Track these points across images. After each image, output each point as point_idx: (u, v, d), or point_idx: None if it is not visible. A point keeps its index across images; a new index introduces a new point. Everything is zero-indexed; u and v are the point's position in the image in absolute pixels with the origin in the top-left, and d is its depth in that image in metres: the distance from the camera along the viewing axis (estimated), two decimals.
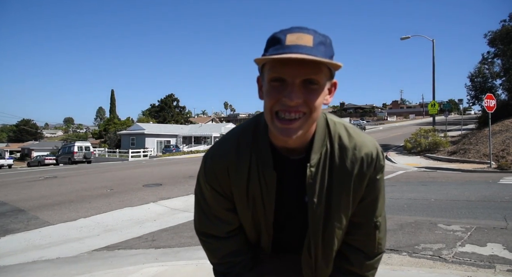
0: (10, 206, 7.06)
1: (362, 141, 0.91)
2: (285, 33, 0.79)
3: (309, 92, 0.78)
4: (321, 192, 0.89)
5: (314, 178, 0.88)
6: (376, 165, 0.91)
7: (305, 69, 0.76)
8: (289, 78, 0.77)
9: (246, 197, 0.92)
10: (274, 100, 0.79)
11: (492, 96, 11.45)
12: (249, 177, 0.91)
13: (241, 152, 0.91)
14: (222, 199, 0.96)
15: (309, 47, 0.76)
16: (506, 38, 19.37)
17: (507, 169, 9.73)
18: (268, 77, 0.79)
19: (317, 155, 0.89)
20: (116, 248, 4.11)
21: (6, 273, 3.41)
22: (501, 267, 2.94)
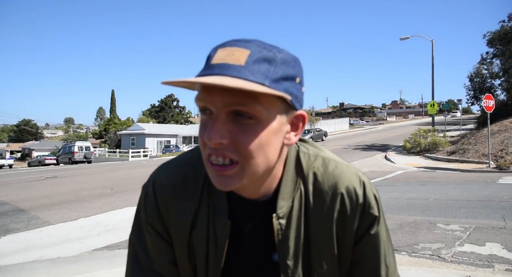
0: (10, 206, 7.07)
1: (341, 174, 0.69)
2: (217, 47, 0.59)
3: (240, 128, 0.56)
4: (297, 251, 0.67)
5: (285, 233, 0.66)
6: (366, 209, 0.68)
7: (231, 98, 0.54)
8: (213, 108, 0.56)
9: (186, 249, 0.69)
10: (201, 141, 0.59)
11: (491, 96, 11.47)
12: (195, 222, 0.68)
13: (191, 187, 0.69)
14: (167, 248, 0.71)
15: (238, 67, 0.55)
16: (505, 39, 19.39)
17: (506, 169, 9.75)
18: (198, 106, 0.59)
19: (287, 203, 0.66)
20: (117, 248, 4.12)
21: (7, 272, 3.41)
22: (500, 266, 2.95)
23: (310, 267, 0.68)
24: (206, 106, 0.57)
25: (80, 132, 77.23)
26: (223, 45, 0.58)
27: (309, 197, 0.68)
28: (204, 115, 0.58)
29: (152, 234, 0.70)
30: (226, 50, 0.57)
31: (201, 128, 0.59)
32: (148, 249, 0.71)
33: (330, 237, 0.67)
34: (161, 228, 0.70)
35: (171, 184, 0.70)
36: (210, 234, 0.67)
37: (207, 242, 0.68)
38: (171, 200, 0.69)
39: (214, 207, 0.67)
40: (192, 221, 0.68)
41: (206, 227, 0.68)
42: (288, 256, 0.66)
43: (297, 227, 0.67)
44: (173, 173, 0.71)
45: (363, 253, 0.69)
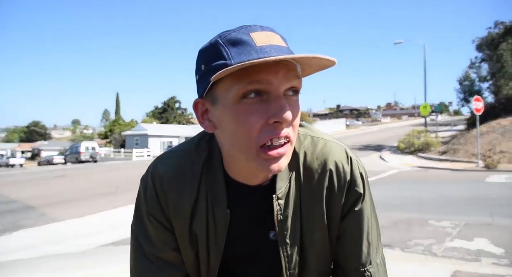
0: (21, 204, 7.08)
1: (329, 152, 0.68)
2: (245, 32, 0.55)
3: (293, 105, 0.57)
4: (295, 229, 0.67)
5: (284, 213, 0.65)
6: (352, 186, 0.67)
7: (290, 73, 0.55)
8: (273, 88, 0.54)
9: (188, 236, 0.69)
10: (256, 129, 0.54)
11: (480, 98, 11.51)
12: (194, 212, 0.67)
13: (188, 179, 0.68)
14: (170, 236, 0.70)
15: (286, 49, 0.55)
16: (492, 44, 19.48)
17: (493, 168, 9.79)
18: (238, 94, 0.54)
19: (285, 183, 0.66)
20: (121, 244, 4.12)
21: (19, 266, 3.42)
22: (487, 260, 2.97)
23: (304, 242, 0.68)
24: (263, 88, 0.54)
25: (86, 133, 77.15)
26: (251, 30, 0.56)
27: (301, 176, 0.67)
28: (251, 99, 0.54)
29: (155, 224, 0.69)
30: (261, 34, 0.55)
31: (249, 114, 0.54)
32: (152, 238, 0.70)
33: (320, 213, 0.67)
34: (163, 218, 0.69)
35: (168, 177, 0.69)
36: (209, 222, 0.67)
37: (207, 230, 0.68)
38: (170, 192, 0.68)
39: (213, 196, 0.66)
40: (192, 211, 0.68)
41: (206, 216, 0.67)
42: (287, 234, 0.66)
43: (294, 206, 0.67)
44: (170, 165, 0.70)
45: (347, 229, 0.69)
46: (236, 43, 0.54)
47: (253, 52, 0.53)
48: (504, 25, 19.40)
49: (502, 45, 18.27)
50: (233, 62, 0.52)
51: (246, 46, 0.53)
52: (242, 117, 0.54)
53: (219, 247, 0.68)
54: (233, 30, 0.56)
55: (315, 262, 0.70)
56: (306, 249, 0.69)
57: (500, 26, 19.77)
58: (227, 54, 0.54)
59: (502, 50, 18.11)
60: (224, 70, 0.50)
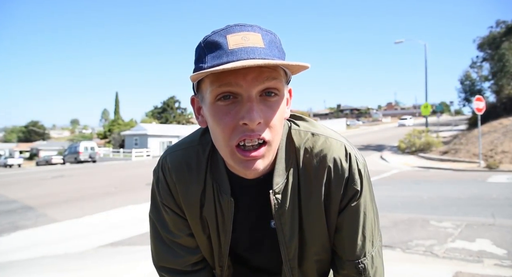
0: (19, 204, 7.08)
1: (328, 147, 0.69)
2: (223, 34, 0.57)
3: (269, 107, 0.58)
4: (293, 221, 0.70)
5: (281, 207, 0.68)
6: (350, 182, 0.68)
7: (262, 76, 0.56)
8: (243, 91, 0.56)
9: (200, 222, 0.74)
10: (229, 129, 0.58)
11: (481, 98, 11.50)
12: (203, 201, 0.72)
13: (195, 170, 0.72)
14: (183, 222, 0.76)
15: (260, 49, 0.56)
16: (493, 43, 19.46)
17: (495, 168, 9.78)
18: (212, 96, 0.57)
19: (282, 178, 0.68)
20: (121, 245, 4.12)
21: (18, 267, 3.42)
22: (489, 261, 2.96)
23: (304, 232, 0.72)
24: (233, 90, 0.57)
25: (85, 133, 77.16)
26: (229, 31, 0.58)
27: (300, 172, 0.70)
28: (224, 101, 0.58)
29: (169, 212, 0.75)
30: (237, 35, 0.57)
31: (223, 117, 0.58)
32: (168, 225, 0.76)
33: (319, 207, 0.70)
34: (175, 207, 0.75)
35: (176, 169, 0.73)
36: (217, 209, 0.72)
37: (216, 216, 0.73)
38: (179, 183, 0.73)
39: (218, 187, 0.71)
40: (201, 200, 0.73)
41: (213, 204, 0.72)
42: (285, 226, 0.70)
43: (292, 201, 0.69)
44: (177, 158, 0.74)
45: (344, 223, 0.71)
46: (212, 46, 0.58)
47: (224, 56, 0.56)
48: (506, 24, 19.39)
49: (504, 44, 18.25)
50: (205, 66, 0.57)
51: (219, 50, 0.57)
52: (217, 117, 0.59)
53: (227, 232, 0.73)
54: (216, 31, 0.59)
55: (313, 252, 0.74)
56: (305, 239, 0.72)
57: (502, 25, 19.76)
58: (204, 57, 0.59)
59: (504, 49, 18.09)
60: (195, 73, 0.55)
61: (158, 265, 0.81)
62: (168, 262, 0.78)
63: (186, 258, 0.78)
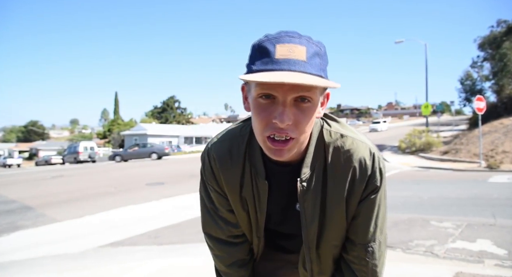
0: (19, 204, 7.08)
1: (355, 149, 0.80)
2: (274, 42, 0.67)
3: (301, 111, 0.69)
4: (315, 206, 0.82)
5: (305, 194, 0.81)
6: (371, 179, 0.81)
7: (297, 88, 0.66)
8: (280, 96, 0.67)
9: (239, 200, 0.88)
10: (264, 123, 0.70)
11: (482, 98, 11.51)
12: (242, 182, 0.85)
13: (235, 157, 0.85)
14: (224, 200, 0.90)
15: (302, 62, 0.66)
16: (494, 43, 19.46)
17: (496, 168, 9.78)
18: (256, 92, 0.69)
19: (309, 170, 0.80)
20: (121, 245, 4.12)
21: (18, 267, 3.42)
22: (490, 261, 2.97)
23: (324, 218, 0.84)
24: (272, 93, 0.67)
25: (85, 133, 77.14)
26: (280, 40, 0.68)
27: (328, 167, 0.81)
28: (264, 100, 0.69)
29: (213, 191, 0.91)
30: (285, 46, 0.67)
31: (261, 112, 0.70)
32: (213, 200, 0.92)
33: (341, 198, 0.82)
34: (217, 187, 0.89)
35: (219, 157, 0.87)
36: (254, 190, 0.86)
37: (253, 196, 0.86)
38: (221, 169, 0.87)
39: (255, 171, 0.84)
40: (240, 182, 0.86)
41: (251, 186, 0.86)
42: (307, 210, 0.83)
43: (315, 190, 0.82)
44: (220, 147, 0.88)
45: (361, 211, 0.84)
46: (263, 52, 0.68)
47: (269, 64, 0.67)
48: (507, 24, 19.38)
49: (505, 44, 18.25)
50: (254, 68, 0.69)
51: (267, 57, 0.67)
52: (257, 111, 0.71)
53: (262, 210, 0.87)
54: (270, 37, 0.70)
55: (331, 237, 0.86)
56: (324, 224, 0.85)
57: (502, 25, 19.75)
58: (254, 60, 0.70)
59: (505, 48, 18.09)
60: (244, 78, 0.67)
61: (204, 231, 0.98)
62: (212, 230, 0.95)
63: (227, 230, 0.93)
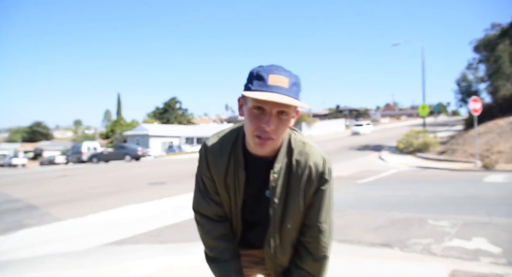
0: (24, 203, 7.09)
1: (311, 153, 1.09)
2: (267, 72, 0.97)
3: (280, 121, 0.99)
4: (281, 194, 1.08)
5: (276, 182, 1.07)
6: (322, 175, 1.08)
7: (280, 105, 0.96)
8: (268, 109, 0.97)
9: (224, 185, 1.12)
10: (255, 126, 0.99)
11: (477, 99, 11.51)
12: (227, 171, 1.10)
13: (223, 152, 1.11)
14: (213, 184, 1.14)
15: (285, 89, 0.96)
16: (489, 46, 19.47)
17: (491, 168, 9.79)
18: (251, 105, 0.98)
19: (280, 165, 1.07)
20: (123, 243, 4.13)
21: (22, 264, 3.43)
22: (485, 259, 2.97)
23: (287, 206, 1.10)
24: (263, 107, 0.97)
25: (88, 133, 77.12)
26: (271, 71, 0.97)
27: (292, 164, 1.08)
28: (257, 110, 0.98)
29: (205, 176, 1.15)
30: (275, 77, 0.96)
31: (253, 119, 0.99)
32: (205, 183, 1.15)
33: (300, 188, 1.08)
34: (208, 174, 1.13)
35: (212, 150, 1.12)
36: (235, 178, 1.10)
37: (234, 183, 1.11)
38: (213, 160, 1.12)
39: (237, 163, 1.09)
40: (225, 171, 1.11)
41: (233, 175, 1.10)
42: (275, 196, 1.08)
43: (283, 180, 1.08)
44: (213, 144, 1.14)
45: (315, 199, 1.10)
46: (259, 78, 0.97)
47: (264, 87, 0.96)
48: (501, 27, 19.40)
49: (499, 47, 18.25)
50: (252, 88, 0.98)
51: (262, 82, 0.96)
52: (251, 118, 1.00)
53: (241, 193, 1.11)
54: (265, 68, 0.99)
55: (291, 218, 1.10)
56: (287, 207, 1.10)
57: (497, 28, 19.78)
58: (252, 82, 0.99)
59: (500, 51, 18.09)
60: (245, 93, 0.97)
61: (194, 209, 1.19)
62: (201, 208, 1.17)
63: (213, 208, 1.15)
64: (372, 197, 6.20)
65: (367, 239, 3.72)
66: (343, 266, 2.91)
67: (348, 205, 5.56)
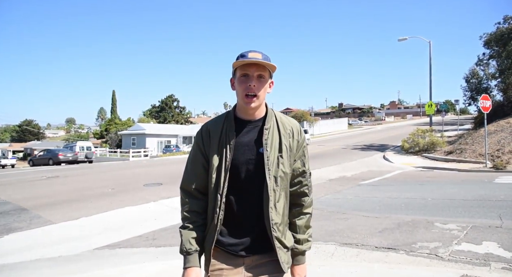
0: (13, 205, 7.07)
1: (290, 119, 1.49)
2: (247, 52, 1.34)
3: (260, 82, 1.34)
4: (274, 148, 1.36)
5: (268, 138, 1.37)
6: (301, 135, 1.45)
7: (259, 69, 1.33)
8: (250, 73, 1.33)
9: (218, 145, 1.38)
10: (243, 87, 1.33)
11: (487, 97, 11.48)
12: (221, 135, 1.38)
13: (218, 123, 1.42)
14: (201, 156, 1.41)
15: (260, 58, 1.32)
16: (501, 40, 19.40)
17: (502, 168, 9.75)
18: (239, 74, 1.35)
19: (269, 123, 1.39)
20: (117, 247, 4.12)
21: (11, 270, 3.41)
22: (496, 265, 2.96)
23: (281, 153, 1.37)
24: (247, 73, 1.33)
25: (81, 132, 77.12)
26: (250, 52, 1.34)
27: (278, 123, 1.42)
28: (243, 77, 1.33)
29: (196, 148, 1.44)
30: (252, 53, 1.33)
31: (242, 83, 1.33)
32: (192, 157, 1.45)
33: (287, 143, 1.39)
34: (201, 145, 1.41)
35: (211, 124, 1.44)
36: (227, 139, 1.37)
37: (227, 142, 1.37)
38: (211, 130, 1.41)
39: (229, 127, 1.38)
40: (220, 135, 1.39)
41: (225, 136, 1.37)
42: (269, 150, 1.36)
43: (273, 136, 1.38)
44: (211, 121, 1.47)
45: (299, 154, 1.44)
46: (242, 55, 1.35)
47: (245, 58, 1.32)
48: None
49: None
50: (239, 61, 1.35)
51: (245, 57, 1.33)
52: (239, 83, 1.35)
53: (231, 151, 1.35)
54: (245, 52, 1.35)
55: (283, 163, 1.37)
56: (279, 157, 1.37)
57: (510, 21, 19.69)
58: (237, 59, 1.35)
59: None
60: (234, 63, 1.36)
61: (181, 186, 1.47)
62: (185, 184, 1.45)
63: (197, 182, 1.42)
64: (377, 198, 6.19)
65: (371, 243, 3.71)
66: (347, 270, 2.90)
67: (351, 207, 5.55)
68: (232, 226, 1.36)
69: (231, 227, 1.37)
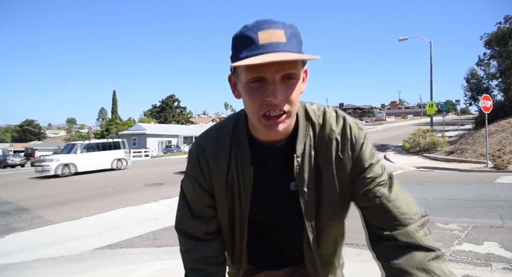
0: (14, 205, 7.08)
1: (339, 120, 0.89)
2: (255, 30, 0.74)
3: (289, 87, 0.76)
4: (310, 180, 0.87)
5: (301, 168, 0.86)
6: (352, 139, 0.87)
7: (284, 65, 0.73)
8: (269, 76, 0.73)
9: (225, 188, 0.90)
10: (258, 102, 0.76)
11: (488, 96, 11.46)
12: (229, 169, 0.89)
13: (222, 144, 0.89)
14: (204, 194, 0.93)
15: (283, 44, 0.73)
16: (502, 40, 19.35)
17: (503, 168, 9.73)
18: (246, 78, 0.75)
19: (301, 145, 0.86)
20: (118, 247, 4.12)
21: (12, 270, 3.42)
22: (497, 265, 2.95)
23: (320, 192, 0.89)
24: (262, 76, 0.74)
25: (82, 132, 77.18)
26: (260, 28, 0.74)
27: (315, 141, 0.88)
28: (254, 83, 0.75)
29: (194, 183, 0.93)
30: (266, 32, 0.73)
31: (254, 94, 0.76)
32: (191, 193, 0.94)
33: (331, 169, 0.87)
34: (202, 179, 0.92)
35: (208, 146, 0.91)
36: (239, 177, 0.89)
37: (238, 183, 0.89)
38: (210, 158, 0.90)
39: (241, 158, 0.88)
40: (227, 168, 0.89)
41: (236, 172, 0.89)
42: (304, 185, 0.87)
43: (309, 163, 0.87)
44: (208, 138, 0.93)
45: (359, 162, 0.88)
46: (246, 40, 0.74)
47: (255, 49, 0.72)
48: None
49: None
50: (242, 56, 0.73)
51: (252, 44, 0.73)
52: (250, 93, 0.76)
53: (247, 196, 0.89)
54: (249, 27, 0.76)
55: (329, 204, 0.89)
56: (321, 197, 0.89)
57: (511, 21, 19.66)
58: (239, 48, 0.75)
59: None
60: (235, 64, 0.73)
61: (176, 228, 0.98)
62: (186, 226, 0.96)
63: (200, 226, 0.94)
64: None
65: None
66: (348, 270, 2.90)
67: (352, 206, 5.55)
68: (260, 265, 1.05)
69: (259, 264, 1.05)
